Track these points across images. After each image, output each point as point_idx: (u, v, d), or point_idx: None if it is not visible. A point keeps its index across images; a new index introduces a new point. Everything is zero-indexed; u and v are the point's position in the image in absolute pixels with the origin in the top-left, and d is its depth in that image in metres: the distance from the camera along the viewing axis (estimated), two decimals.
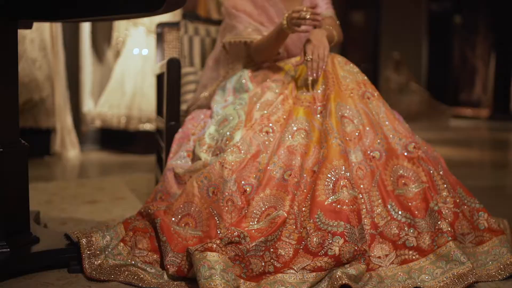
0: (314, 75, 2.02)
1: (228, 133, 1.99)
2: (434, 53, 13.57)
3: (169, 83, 2.24)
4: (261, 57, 2.30)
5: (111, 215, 2.51)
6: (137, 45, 5.01)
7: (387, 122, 1.97)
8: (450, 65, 13.93)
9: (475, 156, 5.61)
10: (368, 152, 1.89)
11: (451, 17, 13.95)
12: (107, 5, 1.65)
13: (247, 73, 2.32)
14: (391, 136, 1.93)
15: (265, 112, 2.02)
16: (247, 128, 1.97)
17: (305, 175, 1.81)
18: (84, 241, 1.71)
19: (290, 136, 1.90)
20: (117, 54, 5.21)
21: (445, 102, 12.19)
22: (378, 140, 1.91)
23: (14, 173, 1.72)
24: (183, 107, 2.59)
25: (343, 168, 1.76)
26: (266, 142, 1.92)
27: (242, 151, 1.88)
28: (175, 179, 2.03)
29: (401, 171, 1.86)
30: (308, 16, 2.05)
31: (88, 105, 5.16)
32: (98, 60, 5.39)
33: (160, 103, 3.00)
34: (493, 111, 12.49)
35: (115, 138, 5.14)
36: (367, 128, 1.93)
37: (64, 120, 4.56)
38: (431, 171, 1.86)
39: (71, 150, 4.62)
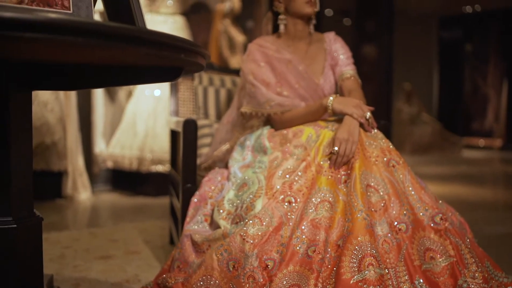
0: (335, 168, 1.97)
1: (248, 200, 1.94)
2: (445, 82, 13.54)
3: (185, 144, 2.19)
4: (286, 127, 2.26)
5: (125, 274, 2.45)
6: (149, 86, 4.99)
7: (412, 192, 1.90)
8: (462, 94, 13.86)
9: (488, 194, 5.50)
10: (395, 223, 1.82)
11: (462, 45, 13.93)
12: (127, 78, 1.62)
13: (266, 132, 2.28)
14: (417, 206, 1.87)
15: (287, 178, 1.96)
16: (269, 197, 1.91)
17: (329, 249, 1.75)
18: None
19: (313, 209, 1.84)
20: (129, 94, 5.20)
21: (457, 131, 12.14)
22: (404, 211, 1.84)
23: (28, 248, 1.67)
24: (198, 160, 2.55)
25: (369, 245, 1.70)
26: (289, 214, 1.86)
27: (264, 223, 1.82)
28: (193, 246, 1.97)
29: (428, 244, 1.79)
30: (367, 117, 2.03)
31: (100, 146, 5.13)
32: (110, 100, 5.37)
33: (174, 156, 2.96)
34: (505, 141, 12.39)
35: (127, 179, 5.09)
36: (393, 198, 1.86)
37: (76, 162, 4.54)
38: (459, 244, 1.79)
39: (82, 193, 4.59)
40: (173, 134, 2.91)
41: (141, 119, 4.94)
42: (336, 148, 1.94)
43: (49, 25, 1.09)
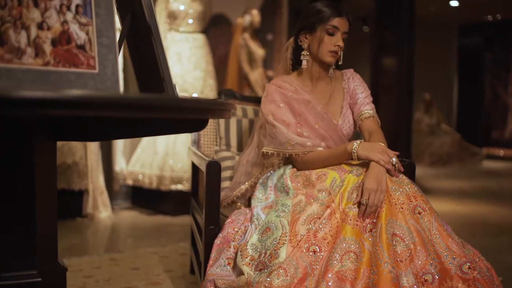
0: (364, 219, 1.93)
1: (272, 246, 1.92)
2: (465, 90, 13.43)
3: (208, 186, 2.17)
4: (307, 168, 2.24)
5: None
6: None
7: (439, 240, 1.87)
8: (482, 102, 13.74)
9: (510, 215, 5.41)
10: (420, 274, 1.79)
11: (483, 54, 13.81)
12: (154, 129, 1.62)
13: (288, 172, 2.26)
14: (444, 254, 1.83)
15: (311, 225, 1.94)
16: (293, 245, 1.88)
17: None
18: None
19: (338, 259, 1.82)
20: None
21: (477, 141, 12.00)
22: (431, 261, 1.80)
23: None
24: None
25: None
26: (313, 265, 1.84)
27: (289, 274, 1.79)
28: None
29: None
30: (394, 162, 2.00)
31: (120, 164, 5.14)
32: None
33: (195, 186, 2.96)
34: None
35: (146, 196, 5.10)
36: (419, 248, 1.82)
37: (97, 181, 4.56)
38: None
39: (103, 211, 4.61)
40: (195, 165, 2.90)
41: (162, 137, 4.94)
42: (365, 200, 1.91)
43: (75, 102, 1.09)
